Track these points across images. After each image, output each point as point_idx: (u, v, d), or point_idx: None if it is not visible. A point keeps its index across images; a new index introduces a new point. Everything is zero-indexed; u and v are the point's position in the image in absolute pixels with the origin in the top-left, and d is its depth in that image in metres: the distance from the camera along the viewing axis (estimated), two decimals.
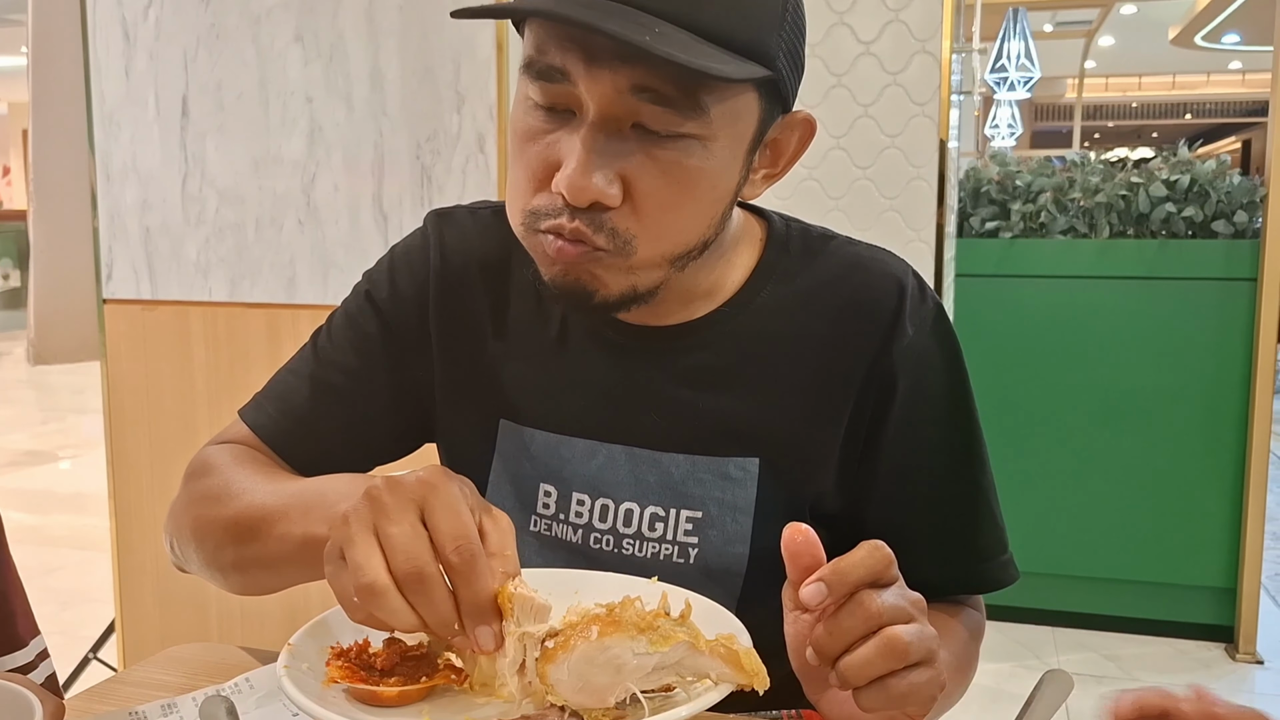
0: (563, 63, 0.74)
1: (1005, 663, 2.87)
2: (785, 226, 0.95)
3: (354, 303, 1.00)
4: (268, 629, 2.23)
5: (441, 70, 2.06)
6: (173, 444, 2.28)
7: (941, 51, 2.17)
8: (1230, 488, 3.00)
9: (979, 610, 0.96)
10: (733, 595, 0.87)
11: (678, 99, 0.74)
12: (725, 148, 0.78)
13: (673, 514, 0.90)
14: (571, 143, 0.76)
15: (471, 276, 0.97)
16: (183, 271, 2.25)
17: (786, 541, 0.64)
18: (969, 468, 0.92)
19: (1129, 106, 17.22)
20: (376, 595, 0.61)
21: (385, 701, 0.64)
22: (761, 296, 0.91)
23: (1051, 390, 3.12)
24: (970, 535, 0.92)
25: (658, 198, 0.77)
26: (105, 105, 2.25)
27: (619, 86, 0.73)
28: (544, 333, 0.94)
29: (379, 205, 2.13)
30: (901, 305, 0.89)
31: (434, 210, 1.02)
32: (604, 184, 0.75)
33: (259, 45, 2.15)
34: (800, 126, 0.86)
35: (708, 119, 0.75)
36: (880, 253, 0.94)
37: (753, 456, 0.89)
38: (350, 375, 0.97)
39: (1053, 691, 0.69)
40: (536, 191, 0.79)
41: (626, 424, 0.91)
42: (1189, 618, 3.09)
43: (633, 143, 0.76)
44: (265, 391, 1.00)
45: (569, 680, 0.60)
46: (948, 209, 2.25)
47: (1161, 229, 3.07)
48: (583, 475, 0.92)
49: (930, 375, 0.90)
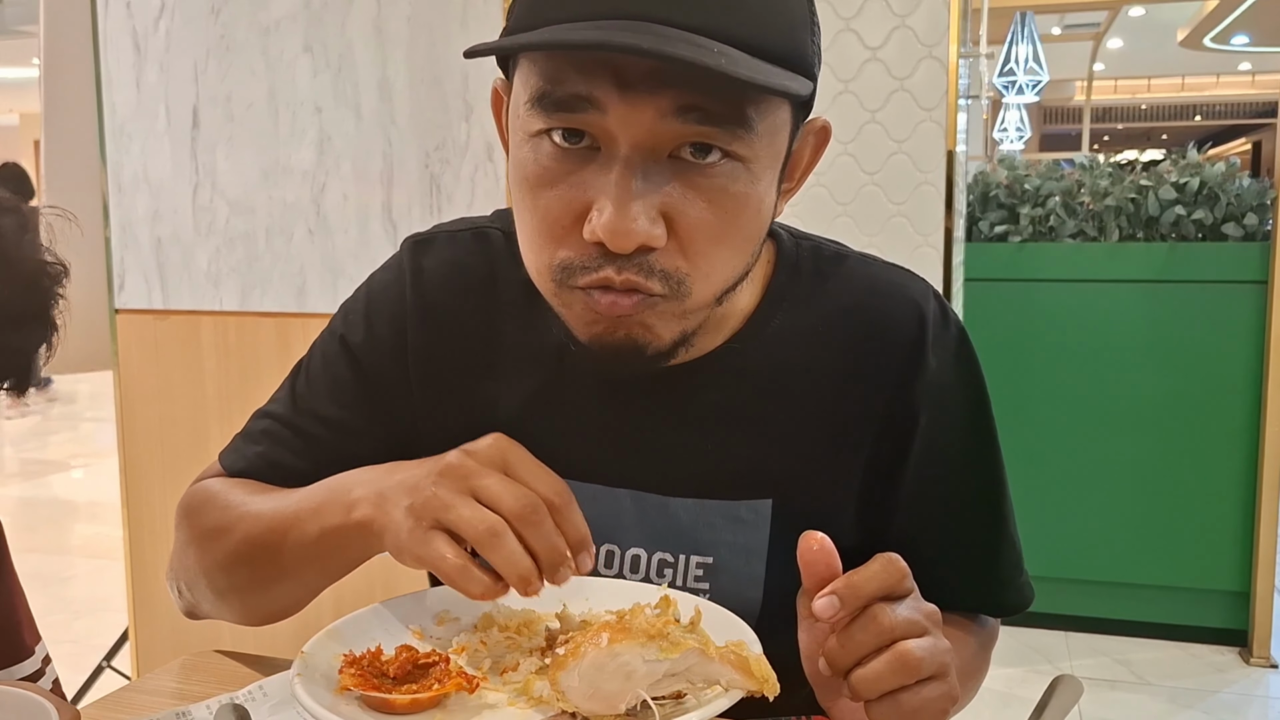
0: (589, 90, 0.66)
1: (1017, 667, 2.86)
2: (795, 245, 0.88)
3: (330, 347, 0.94)
4: (280, 638, 2.23)
5: (450, 79, 2.07)
6: (185, 452, 2.29)
7: (949, 56, 2.17)
8: (1243, 491, 2.99)
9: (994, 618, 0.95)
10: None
11: (727, 116, 0.67)
12: (766, 167, 0.72)
13: (682, 559, 0.85)
14: (603, 182, 0.68)
15: (455, 311, 0.90)
16: (194, 281, 2.26)
17: (802, 550, 0.63)
18: (990, 495, 0.89)
19: (1138, 109, 17.17)
20: (497, 537, 0.64)
21: (398, 709, 0.64)
22: (772, 326, 0.85)
23: (1061, 394, 3.11)
24: (989, 561, 0.90)
25: (705, 231, 0.70)
26: (116, 116, 2.27)
27: (662, 110, 0.66)
28: (539, 369, 0.87)
29: (388, 214, 2.14)
30: (923, 335, 0.84)
31: (410, 238, 0.94)
32: (648, 224, 0.68)
33: (268, 56, 2.16)
34: (816, 134, 0.80)
35: (754, 137, 0.69)
36: (898, 274, 0.88)
37: (765, 498, 0.84)
38: (329, 426, 0.92)
39: (1063, 697, 0.69)
40: (561, 242, 0.72)
41: (631, 468, 0.86)
42: (1202, 622, 3.07)
43: (671, 173, 0.69)
44: (244, 436, 0.95)
45: (579, 687, 0.60)
46: (956, 214, 2.25)
47: (1171, 232, 3.06)
48: (586, 521, 0.89)
49: (952, 406, 0.86)
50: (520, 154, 0.72)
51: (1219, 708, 2.69)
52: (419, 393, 0.90)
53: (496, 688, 0.68)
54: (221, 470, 0.94)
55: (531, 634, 0.75)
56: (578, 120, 0.68)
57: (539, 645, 0.72)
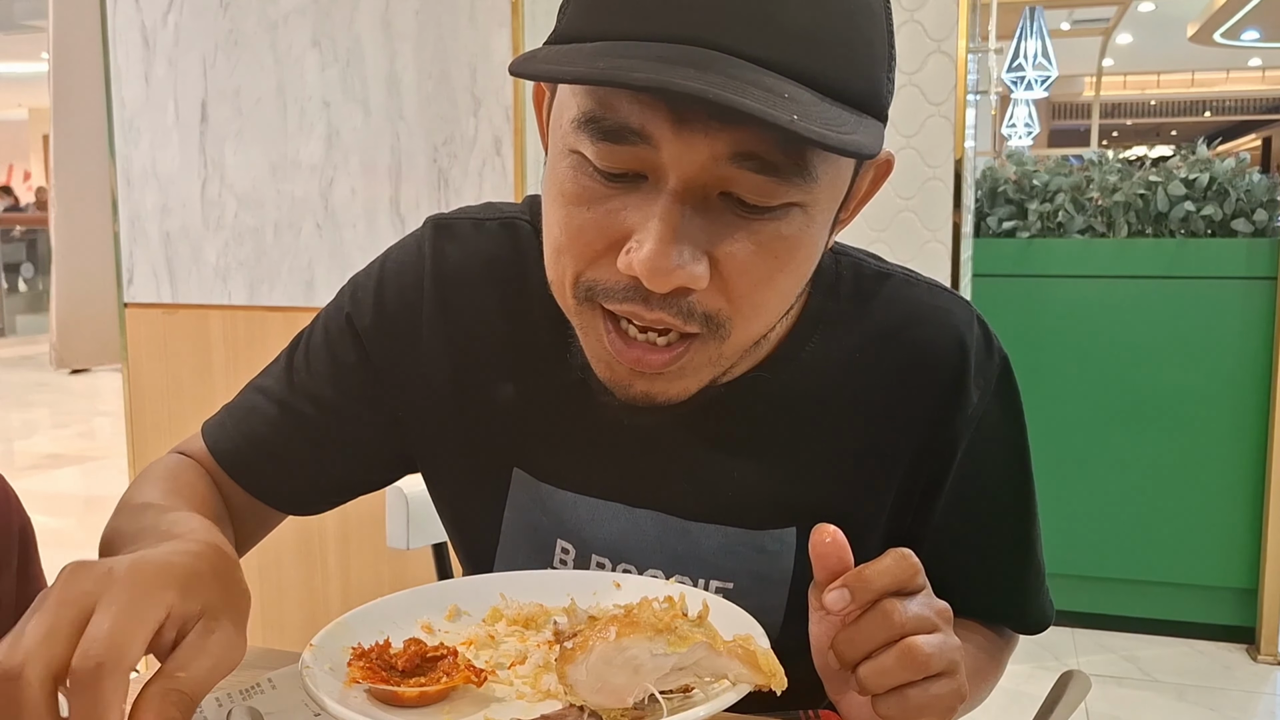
0: (641, 124, 0.61)
1: (1024, 664, 2.86)
2: (835, 263, 0.83)
3: (334, 323, 0.89)
4: (289, 630, 2.25)
5: (458, 74, 2.07)
6: None
7: (957, 51, 2.16)
8: (1251, 488, 2.98)
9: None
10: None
11: (785, 166, 0.62)
12: (824, 210, 0.67)
13: (701, 584, 0.83)
14: (646, 215, 0.63)
15: (476, 308, 0.85)
16: (202, 275, 2.27)
17: (814, 543, 0.63)
18: (1021, 522, 0.88)
19: (1147, 104, 17.11)
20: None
21: (406, 702, 0.64)
22: (808, 350, 0.81)
23: (1069, 391, 3.10)
24: (1015, 583, 0.89)
25: (753, 275, 0.65)
26: (125, 111, 2.27)
27: (716, 154, 0.61)
28: (565, 377, 0.81)
29: (396, 209, 2.14)
30: (965, 366, 0.81)
31: (433, 219, 0.89)
32: (691, 264, 0.63)
33: (277, 51, 2.17)
34: (878, 168, 0.74)
35: (814, 184, 0.64)
36: (943, 298, 0.83)
37: (789, 527, 0.81)
38: (323, 408, 0.88)
39: (1072, 692, 0.69)
40: (591, 263, 0.67)
41: (654, 490, 0.82)
42: (1210, 619, 3.07)
43: (721, 212, 0.64)
44: (231, 409, 0.92)
45: (587, 680, 0.60)
46: (964, 209, 2.24)
47: (1180, 228, 3.05)
48: (603, 538, 0.84)
49: (991, 438, 0.84)
50: (559, 166, 0.67)
51: (1226, 705, 2.69)
52: (434, 382, 0.86)
53: (504, 681, 0.68)
54: (202, 443, 0.92)
55: (539, 628, 0.75)
56: (625, 153, 0.63)
57: (547, 639, 0.72)
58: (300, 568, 2.25)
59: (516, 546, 0.88)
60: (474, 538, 0.91)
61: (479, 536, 0.90)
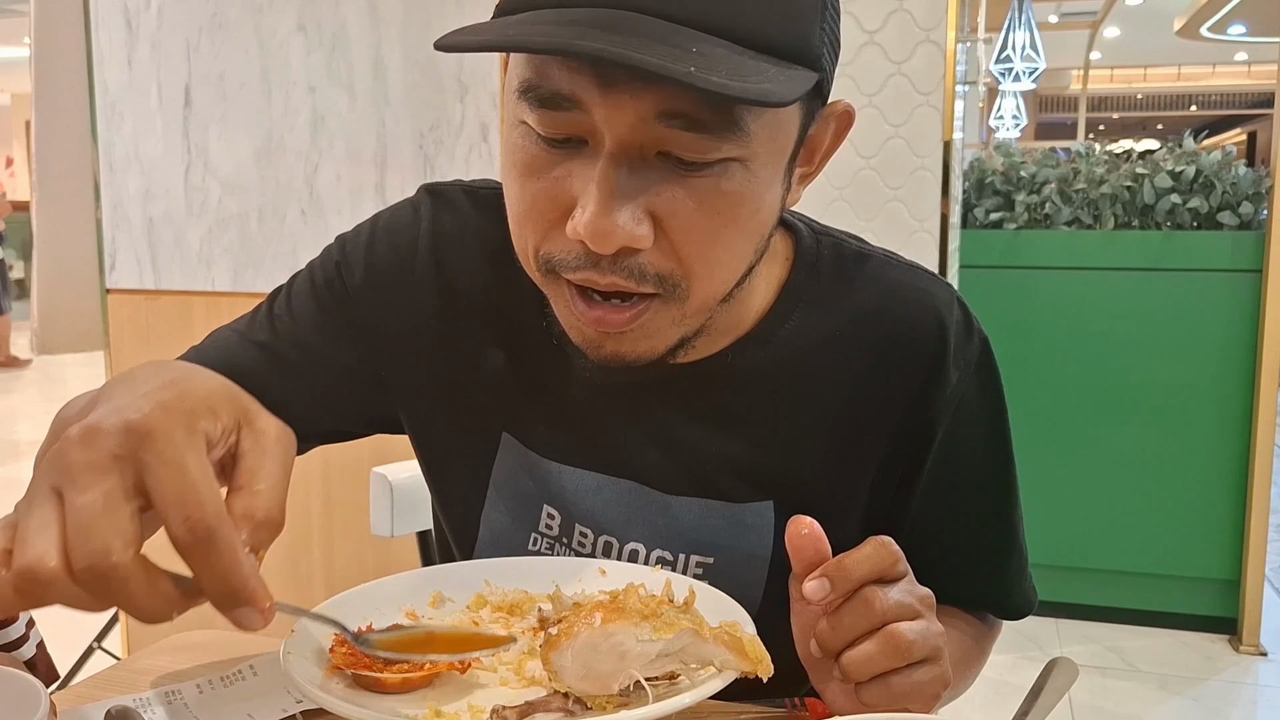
0: (571, 89, 0.63)
1: (1008, 654, 2.87)
2: (815, 242, 0.84)
3: (321, 275, 0.89)
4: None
5: (444, 59, 2.06)
6: None
7: (946, 41, 2.16)
8: (1234, 479, 2.99)
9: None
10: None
11: (713, 122, 0.62)
12: (767, 164, 0.67)
13: (681, 559, 0.83)
14: (586, 179, 0.65)
15: (470, 270, 0.86)
16: (186, 261, 2.25)
17: (790, 535, 0.63)
18: (1002, 505, 0.88)
19: (1134, 98, 17.18)
20: (39, 583, 0.46)
21: (389, 688, 0.64)
22: (786, 328, 0.82)
23: (1054, 382, 3.11)
24: (997, 568, 0.90)
25: (698, 233, 0.66)
26: (108, 95, 2.25)
27: (643, 114, 0.62)
28: (548, 346, 0.84)
29: (382, 195, 2.12)
30: (944, 347, 0.81)
31: (427, 186, 0.90)
32: (631, 224, 0.64)
33: (261, 35, 2.15)
34: (838, 118, 0.75)
35: (747, 138, 0.64)
36: (922, 279, 0.84)
37: (766, 500, 0.82)
38: (308, 354, 0.88)
39: (1058, 679, 0.69)
40: (546, 235, 0.69)
41: (634, 462, 0.83)
42: (1192, 610, 3.09)
43: (659, 171, 0.65)
44: (203, 348, 0.89)
45: (573, 667, 0.60)
46: (952, 200, 2.24)
47: (1166, 220, 3.06)
48: (585, 509, 0.85)
49: (971, 420, 0.84)
50: (511, 136, 0.69)
51: (1209, 695, 2.70)
52: (421, 343, 0.87)
53: (488, 668, 0.68)
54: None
55: (524, 614, 0.74)
56: (562, 119, 0.64)
57: (531, 626, 0.72)
58: (284, 554, 2.24)
59: (502, 510, 0.88)
60: (458, 498, 0.91)
61: (463, 497, 0.90)
